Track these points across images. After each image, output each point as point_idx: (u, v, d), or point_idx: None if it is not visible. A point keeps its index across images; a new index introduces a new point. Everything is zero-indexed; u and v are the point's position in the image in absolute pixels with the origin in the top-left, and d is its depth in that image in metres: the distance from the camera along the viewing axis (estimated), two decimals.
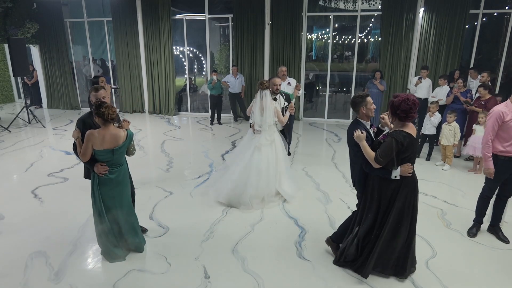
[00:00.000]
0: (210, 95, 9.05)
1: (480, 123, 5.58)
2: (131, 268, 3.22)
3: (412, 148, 2.76)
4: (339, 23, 12.12)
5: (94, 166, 3.10)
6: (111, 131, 3.02)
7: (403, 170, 2.78)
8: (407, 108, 2.67)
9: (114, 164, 3.14)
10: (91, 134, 2.98)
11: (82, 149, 3.03)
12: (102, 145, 3.00)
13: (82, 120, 3.23)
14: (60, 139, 7.70)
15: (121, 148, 3.09)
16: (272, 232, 3.87)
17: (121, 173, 3.21)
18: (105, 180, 3.13)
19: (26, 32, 9.95)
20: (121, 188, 3.23)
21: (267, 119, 4.38)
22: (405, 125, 2.77)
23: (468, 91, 6.38)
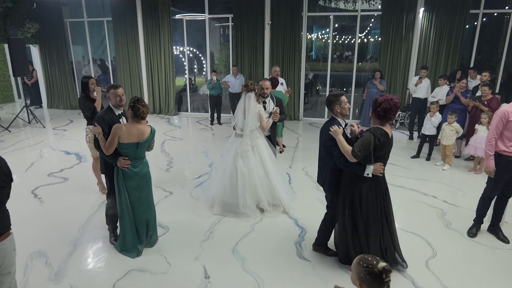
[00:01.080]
0: (210, 95, 9.05)
1: (482, 123, 5.57)
2: (131, 268, 3.22)
3: (386, 147, 2.83)
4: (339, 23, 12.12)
5: (117, 160, 3.17)
6: (138, 126, 3.16)
7: (375, 168, 2.81)
8: (387, 108, 2.71)
9: (137, 158, 3.24)
10: (119, 127, 3.09)
11: (108, 141, 3.11)
12: (129, 138, 3.11)
13: (101, 117, 3.31)
14: (60, 139, 7.70)
15: (145, 143, 3.22)
16: (272, 232, 3.87)
17: (145, 165, 3.34)
18: (131, 174, 3.22)
19: (26, 32, 9.95)
20: (146, 181, 3.35)
21: (249, 123, 4.05)
22: (383, 124, 2.82)
23: (468, 91, 6.39)
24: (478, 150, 5.47)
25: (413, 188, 5.08)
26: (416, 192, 4.95)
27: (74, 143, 7.39)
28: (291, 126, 8.90)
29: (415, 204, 4.61)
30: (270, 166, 4.22)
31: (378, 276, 1.69)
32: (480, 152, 5.46)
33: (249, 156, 4.15)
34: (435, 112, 6.04)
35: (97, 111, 4.51)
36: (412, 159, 6.39)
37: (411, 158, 6.42)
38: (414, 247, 3.59)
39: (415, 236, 3.80)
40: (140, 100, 3.10)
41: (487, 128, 5.50)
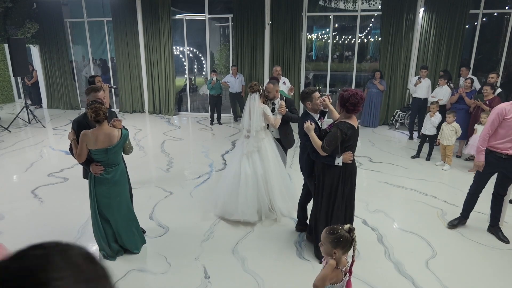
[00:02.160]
0: (210, 95, 9.05)
1: (482, 123, 5.57)
2: (131, 268, 3.22)
3: (354, 138, 3.09)
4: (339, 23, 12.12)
5: (90, 166, 3.12)
6: (105, 131, 3.02)
7: (345, 157, 3.08)
8: (355, 102, 2.93)
9: (110, 164, 3.14)
10: (85, 134, 3.00)
11: (78, 149, 3.04)
12: (96, 144, 3.01)
13: (76, 121, 3.25)
14: (60, 139, 7.70)
15: (115, 148, 3.08)
16: (272, 232, 3.87)
17: (118, 172, 3.21)
18: (102, 180, 3.14)
19: (26, 32, 9.95)
20: (118, 188, 3.23)
21: (254, 123, 4.03)
22: (350, 117, 3.06)
23: (473, 91, 6.38)
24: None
25: (413, 188, 5.08)
26: (416, 192, 4.95)
27: None
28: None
29: (415, 204, 4.61)
30: (272, 169, 4.09)
31: (347, 237, 1.99)
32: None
33: (254, 157, 4.10)
34: (435, 112, 6.04)
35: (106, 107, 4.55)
36: (412, 159, 6.39)
37: (411, 158, 6.42)
38: (414, 247, 3.60)
39: (415, 236, 3.80)
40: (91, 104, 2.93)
41: None
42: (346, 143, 3.06)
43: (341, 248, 1.99)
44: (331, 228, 2.04)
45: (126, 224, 3.35)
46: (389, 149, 6.82)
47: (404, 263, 3.31)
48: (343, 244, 1.98)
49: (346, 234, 2.00)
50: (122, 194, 3.28)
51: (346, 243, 1.99)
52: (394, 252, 3.49)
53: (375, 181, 5.33)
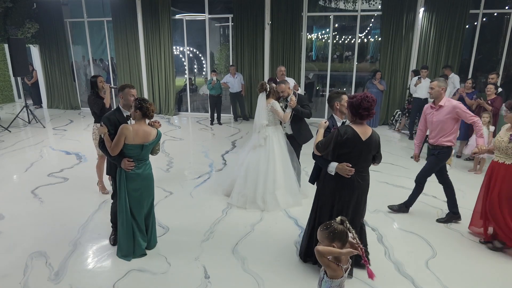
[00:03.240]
0: (210, 95, 9.05)
1: (483, 123, 5.56)
2: (131, 268, 3.22)
3: (351, 147, 2.74)
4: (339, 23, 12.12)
5: (121, 161, 3.16)
6: (144, 128, 3.15)
7: (339, 167, 2.79)
8: (368, 106, 2.66)
9: (141, 159, 3.23)
10: (126, 128, 3.08)
11: (114, 142, 3.09)
12: (134, 139, 3.10)
13: (107, 117, 3.30)
14: (60, 139, 7.70)
15: (150, 145, 3.21)
16: (272, 232, 3.87)
17: (147, 167, 3.33)
18: (133, 175, 3.21)
19: (26, 32, 9.95)
20: (148, 183, 3.33)
21: (257, 120, 4.38)
22: (361, 125, 2.76)
23: (474, 92, 6.37)
24: None
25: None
26: None
27: (74, 143, 7.39)
28: None
29: (415, 204, 4.60)
30: (277, 164, 4.37)
31: (341, 228, 2.01)
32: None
33: (259, 151, 4.41)
34: None
35: (106, 107, 4.57)
36: (412, 159, 6.37)
37: (411, 158, 6.40)
38: (414, 247, 3.60)
39: (415, 236, 3.80)
40: (145, 100, 3.13)
41: (487, 128, 5.49)
42: (341, 148, 2.77)
43: (338, 241, 2.03)
44: (324, 224, 2.07)
45: (152, 219, 3.48)
46: (389, 149, 6.82)
47: (404, 263, 3.31)
48: (339, 236, 2.02)
49: (340, 226, 2.03)
50: (151, 189, 3.39)
51: (342, 235, 2.02)
52: (394, 252, 3.49)
53: (375, 181, 5.32)
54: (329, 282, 2.07)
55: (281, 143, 4.45)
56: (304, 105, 4.42)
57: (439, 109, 3.91)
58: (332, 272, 2.05)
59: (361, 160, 2.81)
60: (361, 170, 2.85)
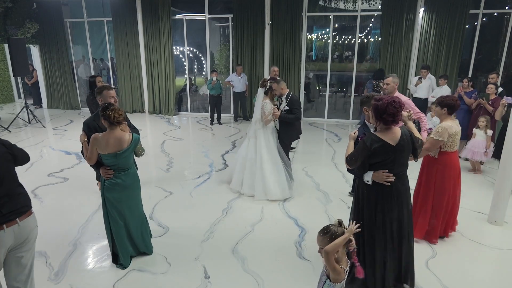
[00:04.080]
0: (210, 95, 9.04)
1: (480, 127, 5.56)
2: (131, 268, 3.22)
3: (384, 155, 2.55)
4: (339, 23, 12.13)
5: (100, 170, 3.07)
6: (116, 135, 2.94)
7: (375, 175, 2.61)
8: (394, 112, 2.46)
9: (121, 168, 3.06)
10: (95, 138, 2.93)
11: (88, 153, 3.00)
12: (106, 149, 2.93)
13: (86, 123, 3.25)
14: (60, 139, 7.71)
15: (125, 152, 2.99)
16: (272, 232, 3.87)
17: (129, 177, 3.12)
18: (113, 185, 3.06)
19: (26, 32, 9.95)
20: (130, 192, 3.15)
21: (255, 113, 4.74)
22: (387, 130, 2.56)
23: (474, 91, 6.37)
24: (475, 155, 5.49)
25: (413, 188, 5.04)
26: None
27: (74, 143, 7.39)
28: None
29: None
30: (264, 155, 4.62)
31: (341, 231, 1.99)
32: (477, 157, 5.47)
33: (251, 142, 4.76)
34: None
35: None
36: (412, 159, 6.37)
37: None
38: (414, 247, 3.59)
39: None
40: (108, 106, 2.90)
41: (485, 132, 5.48)
42: (373, 159, 2.58)
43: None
44: (323, 229, 2.04)
45: (139, 228, 3.31)
46: None
47: None
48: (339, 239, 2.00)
49: (340, 229, 2.01)
50: (133, 198, 3.22)
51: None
52: None
53: None
54: (332, 286, 2.04)
55: (269, 138, 4.66)
56: (294, 108, 4.67)
57: None
58: (336, 276, 2.03)
59: (396, 165, 2.61)
60: (400, 175, 2.65)
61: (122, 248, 3.20)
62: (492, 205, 4.05)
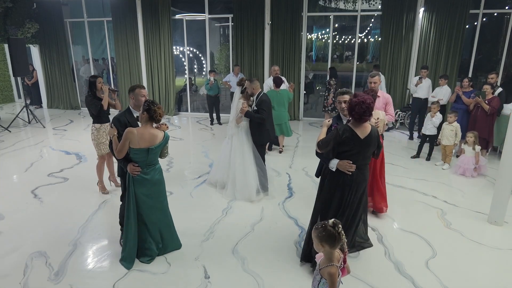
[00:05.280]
0: (207, 95, 9.02)
1: (468, 143, 5.54)
2: (131, 268, 3.21)
3: (351, 145, 2.82)
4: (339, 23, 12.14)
5: (127, 166, 3.10)
6: (150, 130, 3.03)
7: (340, 164, 2.89)
8: (361, 112, 2.70)
9: (148, 164, 3.12)
10: (130, 131, 2.97)
11: (119, 145, 3.03)
12: (139, 143, 2.99)
13: (117, 118, 3.27)
14: (60, 139, 7.71)
15: (156, 148, 3.08)
16: (272, 232, 3.87)
17: (157, 172, 3.22)
18: (142, 181, 3.11)
19: (26, 32, 9.95)
20: (159, 188, 3.25)
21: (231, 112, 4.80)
22: (359, 124, 2.81)
23: (472, 91, 6.38)
24: (467, 171, 5.51)
25: (413, 188, 5.08)
26: (416, 192, 4.95)
27: (74, 143, 7.39)
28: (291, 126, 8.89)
29: (415, 204, 4.61)
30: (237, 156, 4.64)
31: (331, 231, 2.00)
32: (468, 173, 5.49)
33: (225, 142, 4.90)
34: (435, 112, 6.04)
35: (104, 109, 4.56)
36: (412, 159, 6.39)
37: (411, 158, 6.42)
38: (414, 247, 3.59)
39: (415, 236, 3.80)
40: (154, 103, 3.01)
41: (473, 148, 5.47)
42: (341, 147, 2.85)
43: (326, 242, 2.02)
44: (319, 224, 2.09)
45: (169, 223, 3.42)
46: (389, 149, 6.81)
47: (404, 263, 3.31)
48: (327, 238, 2.01)
49: (330, 229, 2.02)
50: (163, 194, 3.31)
51: (331, 237, 2.01)
52: (394, 252, 3.49)
53: None
54: (327, 285, 2.08)
55: (242, 139, 4.65)
56: (260, 109, 4.57)
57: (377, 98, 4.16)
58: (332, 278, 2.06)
59: (361, 157, 2.90)
60: (361, 167, 2.94)
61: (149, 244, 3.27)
62: (492, 205, 4.06)
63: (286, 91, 6.43)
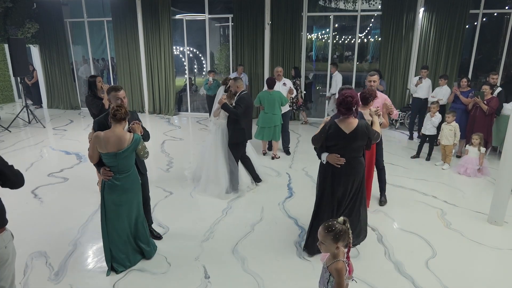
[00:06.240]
0: (207, 95, 9.00)
1: (473, 144, 5.56)
2: (131, 268, 3.22)
3: (336, 140, 3.03)
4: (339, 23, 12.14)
5: (100, 170, 3.01)
6: (116, 133, 2.89)
7: (329, 157, 3.09)
8: (345, 106, 2.89)
9: (121, 170, 2.98)
10: (96, 136, 2.89)
11: (90, 150, 2.98)
12: (106, 147, 2.87)
13: (97, 121, 3.22)
14: (60, 139, 7.71)
15: (124, 152, 2.91)
16: (272, 232, 3.87)
17: (129, 179, 3.05)
18: (112, 187, 2.99)
19: (26, 32, 9.95)
20: (130, 196, 3.08)
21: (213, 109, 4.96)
22: (345, 119, 2.99)
23: (470, 91, 6.38)
24: (468, 171, 5.52)
25: (413, 188, 5.08)
26: (416, 192, 4.95)
27: (74, 143, 7.39)
28: (291, 127, 8.89)
29: (415, 204, 4.61)
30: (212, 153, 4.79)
31: (344, 229, 2.05)
32: (471, 173, 5.49)
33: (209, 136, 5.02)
34: (435, 112, 6.05)
35: (105, 108, 4.55)
36: (412, 159, 6.39)
37: (411, 158, 6.42)
38: (414, 247, 3.60)
39: (415, 236, 3.80)
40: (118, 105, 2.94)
41: (478, 149, 5.49)
42: (328, 142, 3.08)
43: (342, 241, 2.05)
44: (327, 226, 2.05)
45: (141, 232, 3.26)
46: (389, 149, 6.81)
47: (404, 263, 3.31)
48: (343, 238, 2.05)
49: (343, 227, 2.05)
50: (132, 202, 3.13)
51: (345, 235, 2.05)
52: (394, 252, 3.49)
53: (375, 181, 5.32)
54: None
55: (217, 137, 4.76)
56: (237, 105, 4.66)
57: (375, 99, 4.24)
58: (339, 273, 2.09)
59: (348, 151, 3.06)
60: (350, 160, 3.09)
61: (117, 252, 3.14)
62: (492, 205, 4.06)
63: (278, 93, 6.07)
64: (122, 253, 3.17)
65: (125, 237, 3.17)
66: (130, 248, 3.22)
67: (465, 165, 5.57)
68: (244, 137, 4.84)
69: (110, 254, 3.13)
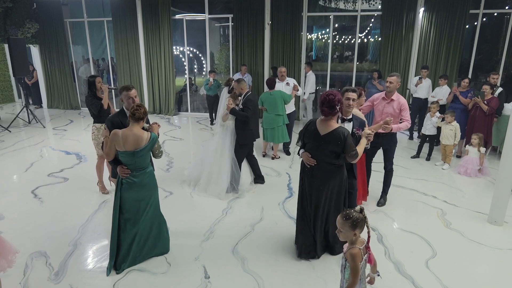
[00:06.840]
0: (207, 95, 9.02)
1: (473, 144, 5.56)
2: (131, 268, 3.22)
3: (309, 138, 3.06)
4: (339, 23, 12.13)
5: (117, 168, 3.06)
6: (134, 132, 2.95)
7: (302, 154, 3.13)
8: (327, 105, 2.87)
9: (137, 167, 3.04)
10: (115, 133, 2.94)
11: (107, 148, 3.01)
12: (124, 146, 2.93)
13: (110, 119, 3.26)
14: (60, 139, 7.70)
15: (142, 151, 2.98)
16: (272, 232, 3.87)
17: (146, 176, 3.12)
18: (130, 184, 3.05)
19: (26, 32, 9.95)
20: (147, 192, 3.15)
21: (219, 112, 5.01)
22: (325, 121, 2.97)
23: (470, 91, 6.38)
24: (468, 171, 5.52)
25: (413, 188, 5.08)
26: (416, 192, 4.95)
27: (74, 143, 7.39)
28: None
29: (415, 204, 4.61)
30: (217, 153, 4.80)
31: (361, 217, 2.13)
32: (471, 173, 5.49)
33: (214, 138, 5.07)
34: (435, 112, 6.05)
35: (104, 108, 4.56)
36: (412, 159, 6.39)
37: (411, 158, 6.42)
38: (414, 247, 3.60)
39: (415, 236, 3.81)
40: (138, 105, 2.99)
41: (478, 150, 5.49)
42: (305, 138, 3.13)
43: (359, 228, 2.13)
44: (345, 214, 2.15)
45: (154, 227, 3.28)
46: None
47: (404, 263, 3.32)
48: (360, 225, 2.13)
49: (360, 215, 2.14)
50: (151, 197, 3.21)
51: (363, 223, 2.14)
52: (394, 252, 3.50)
53: (375, 181, 5.32)
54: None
55: (225, 138, 4.76)
56: (245, 107, 4.68)
57: (390, 102, 4.21)
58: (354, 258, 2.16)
59: (318, 152, 3.02)
60: (322, 164, 3.04)
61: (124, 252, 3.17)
62: (492, 205, 4.06)
63: (279, 92, 6.03)
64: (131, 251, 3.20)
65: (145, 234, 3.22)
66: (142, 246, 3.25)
67: (465, 165, 5.57)
68: (253, 137, 4.95)
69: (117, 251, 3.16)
